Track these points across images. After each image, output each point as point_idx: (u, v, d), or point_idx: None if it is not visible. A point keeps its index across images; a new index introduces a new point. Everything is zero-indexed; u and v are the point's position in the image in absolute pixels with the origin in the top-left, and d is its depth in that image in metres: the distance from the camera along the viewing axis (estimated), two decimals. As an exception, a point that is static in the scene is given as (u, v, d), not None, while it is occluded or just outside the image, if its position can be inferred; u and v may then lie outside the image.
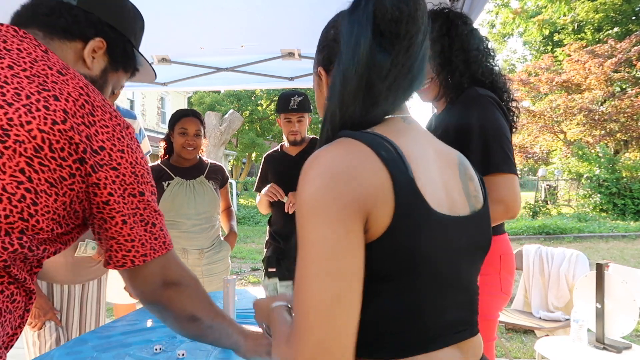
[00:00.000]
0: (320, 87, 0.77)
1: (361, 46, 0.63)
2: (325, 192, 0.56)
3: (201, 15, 2.81)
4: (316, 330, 0.54)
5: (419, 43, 0.65)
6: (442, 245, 0.61)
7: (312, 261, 0.55)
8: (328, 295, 0.54)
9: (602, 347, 1.96)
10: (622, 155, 13.20)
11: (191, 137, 2.20)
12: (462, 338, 0.65)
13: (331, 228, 0.55)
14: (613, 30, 16.41)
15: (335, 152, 0.59)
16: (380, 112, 0.66)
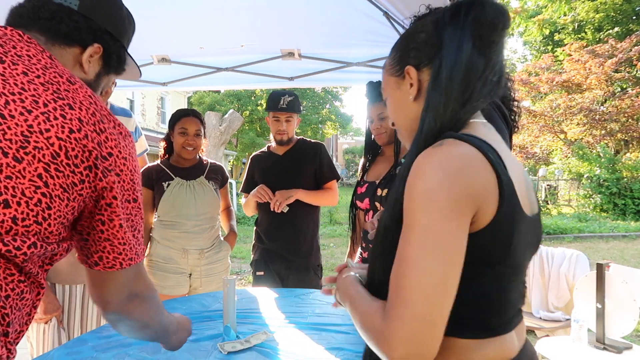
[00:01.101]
0: (400, 87, 0.82)
1: (464, 49, 0.72)
2: (442, 186, 0.63)
3: (201, 15, 2.81)
4: (419, 308, 0.60)
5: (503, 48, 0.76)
6: (523, 240, 0.70)
7: (422, 245, 0.62)
8: (434, 277, 0.61)
9: (603, 347, 1.96)
10: (622, 155, 13.19)
11: (191, 137, 2.19)
12: (517, 322, 0.75)
13: (444, 217, 0.62)
14: (613, 30, 16.39)
15: (449, 152, 0.66)
16: (472, 108, 0.74)
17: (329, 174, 2.40)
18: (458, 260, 0.63)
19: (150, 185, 2.20)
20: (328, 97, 23.02)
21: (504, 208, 0.65)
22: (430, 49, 0.76)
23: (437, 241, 0.61)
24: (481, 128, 0.75)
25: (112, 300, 0.85)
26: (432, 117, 0.73)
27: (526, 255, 0.75)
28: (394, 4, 2.59)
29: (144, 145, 2.77)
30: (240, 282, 5.48)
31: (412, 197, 0.65)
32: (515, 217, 0.67)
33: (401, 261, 0.63)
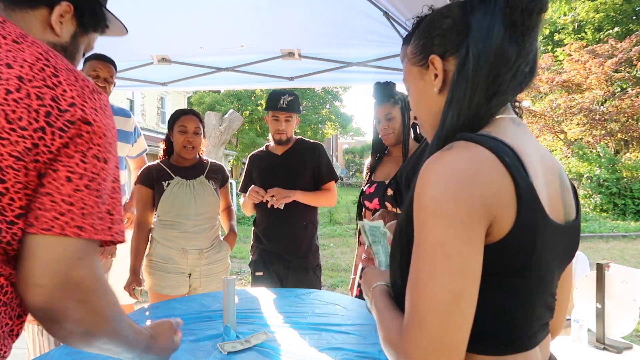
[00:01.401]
0: (423, 77, 0.75)
1: (494, 36, 0.64)
2: (450, 196, 0.57)
3: (201, 15, 2.81)
4: (435, 327, 0.56)
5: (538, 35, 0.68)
6: (549, 250, 0.64)
7: (434, 261, 0.57)
8: (449, 294, 0.56)
9: (603, 347, 1.96)
10: (622, 155, 13.19)
11: (191, 134, 2.19)
12: (542, 338, 0.69)
13: (456, 231, 0.57)
14: (613, 30, 16.38)
15: (458, 156, 0.60)
16: (499, 102, 0.67)
17: (328, 175, 2.40)
18: (474, 275, 0.58)
19: (150, 184, 2.20)
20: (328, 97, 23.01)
21: (523, 216, 0.59)
22: (456, 36, 0.69)
23: (449, 257, 0.57)
24: (507, 125, 0.68)
25: (41, 283, 0.64)
26: (455, 111, 0.67)
27: (554, 266, 0.68)
28: (394, 4, 2.59)
29: (143, 146, 2.77)
30: (240, 282, 5.48)
31: (419, 209, 0.60)
32: (538, 226, 0.61)
33: (414, 280, 0.59)
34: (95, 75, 2.38)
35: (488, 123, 0.68)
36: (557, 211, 0.68)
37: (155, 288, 2.15)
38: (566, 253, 0.71)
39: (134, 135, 2.67)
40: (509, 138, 0.65)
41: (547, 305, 0.69)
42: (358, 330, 1.51)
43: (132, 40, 3.09)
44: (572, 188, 0.75)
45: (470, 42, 0.66)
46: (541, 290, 0.66)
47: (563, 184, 0.72)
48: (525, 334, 0.65)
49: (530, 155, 0.65)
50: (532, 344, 0.66)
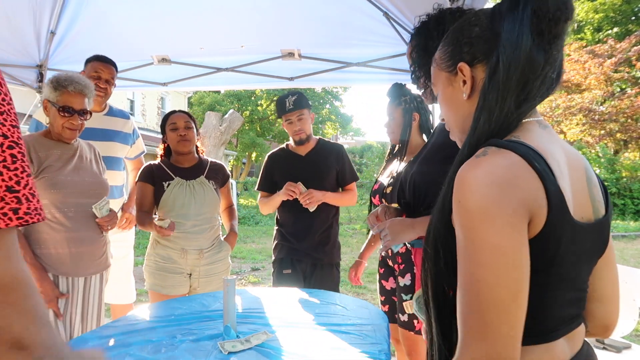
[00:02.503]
0: (452, 83, 0.78)
1: (522, 44, 0.67)
2: (496, 201, 0.61)
3: (201, 15, 2.82)
4: (504, 328, 0.60)
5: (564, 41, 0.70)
6: (572, 249, 0.67)
7: (492, 263, 0.60)
8: (510, 293, 0.60)
9: (602, 346, 1.97)
10: (621, 155, 13.21)
11: (182, 129, 2.21)
12: (570, 330, 0.72)
13: (508, 233, 0.61)
14: (613, 30, 16.40)
15: (495, 162, 0.63)
16: (528, 108, 0.70)
17: (350, 176, 2.48)
18: (526, 272, 0.62)
19: (151, 180, 2.21)
20: (328, 97, 23.02)
21: (552, 218, 0.63)
22: (484, 44, 0.72)
23: (508, 259, 0.60)
24: (534, 128, 0.71)
25: None
26: (486, 117, 0.69)
27: (581, 263, 0.71)
28: (394, 4, 2.59)
29: (141, 147, 2.77)
30: (240, 282, 5.49)
31: (465, 215, 0.63)
32: (564, 228, 0.65)
33: (471, 284, 0.62)
34: (97, 76, 2.39)
35: (516, 127, 0.70)
36: (585, 209, 0.70)
37: (156, 288, 2.15)
38: (595, 249, 0.74)
39: (132, 137, 2.67)
40: (536, 142, 0.67)
41: (573, 300, 0.72)
42: (358, 330, 1.51)
43: (132, 41, 3.11)
44: (600, 184, 0.77)
45: (501, 51, 0.68)
46: (563, 287, 0.69)
47: (590, 180, 0.74)
48: (546, 327, 0.69)
49: (557, 158, 0.68)
50: (554, 337, 0.69)
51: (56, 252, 1.79)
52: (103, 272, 1.98)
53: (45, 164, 1.79)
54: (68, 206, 1.81)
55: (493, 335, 0.60)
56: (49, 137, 1.86)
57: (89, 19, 2.85)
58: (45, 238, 1.78)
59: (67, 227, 1.80)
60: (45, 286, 1.74)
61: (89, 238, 1.88)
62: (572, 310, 0.72)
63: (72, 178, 1.84)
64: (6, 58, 2.95)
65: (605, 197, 0.77)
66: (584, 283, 0.74)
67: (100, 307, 1.97)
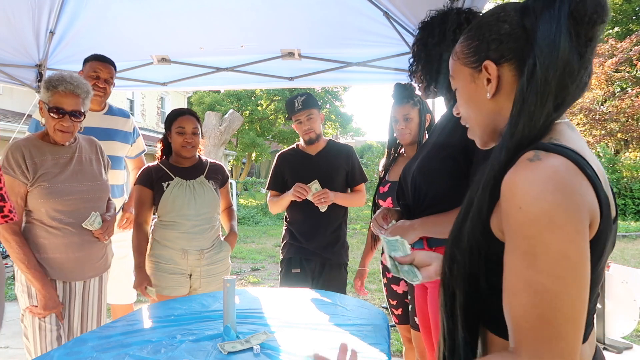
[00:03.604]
0: (475, 80, 0.75)
1: (561, 46, 0.63)
2: (562, 207, 0.58)
3: (201, 15, 2.81)
4: (575, 339, 0.59)
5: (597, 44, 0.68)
6: (607, 253, 0.68)
7: (561, 273, 0.58)
8: (581, 303, 0.59)
9: (603, 347, 1.96)
10: (622, 155, 13.19)
11: (189, 135, 2.19)
12: (590, 332, 0.72)
13: (575, 241, 0.59)
14: (613, 30, 16.38)
15: (552, 166, 0.60)
16: (560, 114, 0.68)
17: (360, 177, 2.49)
18: (588, 283, 0.60)
19: (150, 184, 2.20)
20: (328, 97, 23.01)
21: (603, 225, 0.62)
22: (514, 43, 0.69)
23: (575, 267, 0.58)
24: (566, 131, 0.69)
25: None
26: (526, 121, 0.66)
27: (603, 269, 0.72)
28: (394, 4, 2.59)
29: (141, 147, 2.77)
30: (240, 282, 5.48)
31: (527, 222, 0.60)
32: (608, 234, 0.64)
33: (539, 293, 0.59)
34: (96, 76, 2.38)
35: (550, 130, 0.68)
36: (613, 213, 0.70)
37: (156, 289, 2.15)
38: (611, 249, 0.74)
39: (132, 136, 2.67)
40: (576, 146, 0.65)
41: (595, 302, 0.72)
42: (358, 330, 1.51)
43: (132, 40, 3.11)
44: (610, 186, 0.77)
45: (537, 53, 0.65)
46: (595, 289, 0.68)
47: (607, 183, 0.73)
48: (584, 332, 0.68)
49: (596, 163, 0.67)
50: (584, 340, 0.68)
51: (54, 257, 1.77)
52: (103, 274, 1.97)
53: (41, 170, 1.74)
54: (67, 213, 1.78)
55: (566, 347, 0.58)
56: (46, 140, 1.81)
57: (88, 18, 2.85)
58: (44, 243, 1.76)
59: (66, 232, 1.78)
60: (50, 292, 1.72)
61: (88, 242, 1.85)
62: (593, 310, 0.72)
63: (70, 184, 1.80)
64: (5, 58, 2.95)
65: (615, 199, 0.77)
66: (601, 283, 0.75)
67: (101, 309, 1.96)
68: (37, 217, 1.76)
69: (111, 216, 1.97)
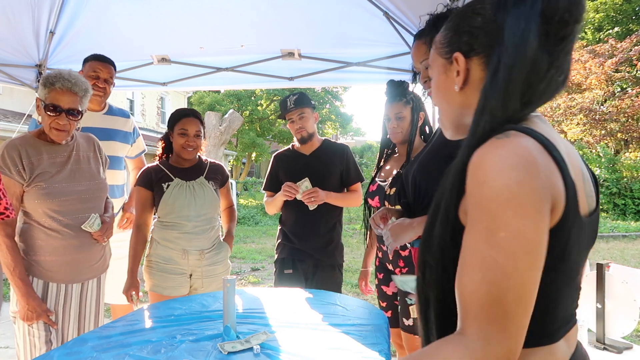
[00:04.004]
0: (447, 71, 0.74)
1: (528, 44, 0.62)
2: (526, 184, 0.56)
3: (201, 15, 2.81)
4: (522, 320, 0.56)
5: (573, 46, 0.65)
6: (578, 244, 0.64)
7: (516, 252, 0.56)
8: (533, 285, 0.57)
9: (603, 347, 1.96)
10: (622, 155, 13.19)
11: (191, 137, 2.18)
12: (569, 330, 0.69)
13: (534, 220, 0.56)
14: (613, 29, 16.38)
15: (521, 145, 0.59)
16: (529, 112, 0.67)
17: (355, 177, 2.46)
18: (542, 264, 0.58)
19: (150, 186, 2.19)
20: (328, 97, 23.02)
21: (567, 212, 0.60)
22: (485, 37, 0.67)
23: (531, 248, 0.56)
24: (537, 122, 0.68)
25: None
26: (488, 119, 0.64)
27: (581, 258, 0.69)
28: (395, 4, 2.59)
29: (141, 147, 2.77)
30: (240, 282, 5.49)
31: (490, 196, 0.58)
32: (573, 223, 0.61)
33: (492, 271, 0.57)
34: (95, 75, 2.38)
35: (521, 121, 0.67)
36: (583, 204, 0.67)
37: (156, 289, 2.15)
38: (588, 245, 0.71)
39: (132, 136, 2.67)
40: (547, 133, 0.64)
41: (573, 298, 0.70)
42: (358, 330, 1.51)
43: (132, 40, 3.11)
44: (592, 177, 0.74)
45: (503, 50, 0.63)
46: (567, 284, 0.66)
47: (584, 175, 0.71)
48: (550, 328, 0.66)
49: (564, 150, 0.65)
50: (557, 337, 0.66)
51: (51, 260, 1.75)
52: (101, 276, 1.96)
53: (38, 170, 1.70)
54: (64, 214, 1.75)
55: (516, 330, 0.56)
56: (42, 138, 1.76)
57: (88, 18, 2.85)
58: (41, 244, 1.73)
59: (63, 234, 1.75)
60: (30, 303, 1.67)
61: (86, 244, 1.83)
62: (569, 308, 0.69)
63: (68, 184, 1.77)
64: (5, 57, 2.95)
65: (596, 191, 0.74)
66: (580, 281, 0.72)
67: (99, 310, 1.94)
68: (35, 219, 1.73)
69: (110, 217, 1.95)
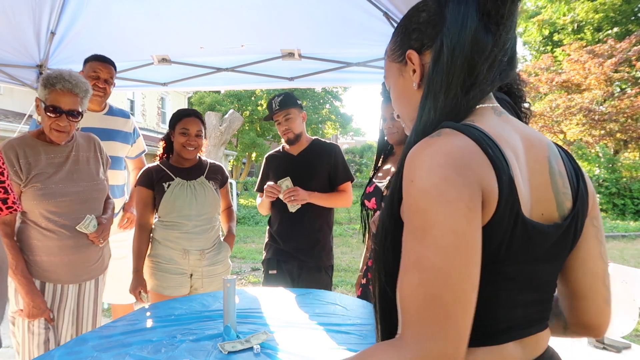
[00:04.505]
0: (402, 73, 0.74)
1: (467, 27, 0.63)
2: (452, 181, 0.56)
3: (201, 15, 2.81)
4: (463, 320, 0.54)
5: (516, 25, 0.66)
6: (522, 248, 0.62)
7: (449, 249, 0.55)
8: (469, 283, 0.55)
9: (602, 347, 1.96)
10: (621, 155, 13.21)
11: (192, 137, 2.19)
12: (526, 334, 0.67)
13: (465, 216, 0.55)
14: (613, 30, 16.39)
15: (449, 143, 0.59)
16: (477, 94, 0.66)
17: (344, 176, 2.43)
18: (479, 260, 0.57)
19: (150, 185, 2.20)
20: (328, 97, 23.02)
21: (500, 210, 0.58)
22: (432, 29, 0.68)
23: (468, 244, 0.55)
24: (489, 115, 0.67)
25: None
26: (431, 105, 0.65)
27: (540, 263, 0.65)
28: (394, 4, 2.59)
29: (141, 147, 2.77)
30: (240, 282, 5.49)
31: (418, 196, 0.57)
32: (512, 224, 0.59)
33: (427, 270, 0.55)
34: (96, 76, 2.38)
35: (469, 113, 0.66)
36: (546, 205, 0.65)
37: (157, 289, 2.15)
38: (560, 247, 0.68)
39: (133, 136, 2.67)
40: (491, 128, 0.64)
41: (529, 303, 0.66)
42: (358, 330, 1.51)
43: (132, 41, 3.11)
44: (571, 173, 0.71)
45: (445, 34, 0.65)
46: (514, 287, 0.64)
47: (554, 171, 0.68)
48: (493, 329, 0.64)
49: (513, 147, 0.64)
50: (501, 340, 0.64)
51: (48, 260, 1.74)
52: (99, 277, 1.95)
53: (35, 170, 1.69)
54: (61, 215, 1.74)
55: (453, 330, 0.54)
56: (41, 139, 1.76)
57: (89, 18, 2.85)
58: (37, 245, 1.72)
59: (60, 234, 1.75)
60: (35, 300, 1.68)
61: (83, 245, 1.82)
62: (527, 312, 0.66)
63: (65, 185, 1.76)
64: (6, 58, 2.95)
65: (577, 187, 0.70)
66: (546, 284, 0.69)
67: (96, 312, 1.94)
68: (32, 219, 1.73)
69: (107, 219, 1.93)
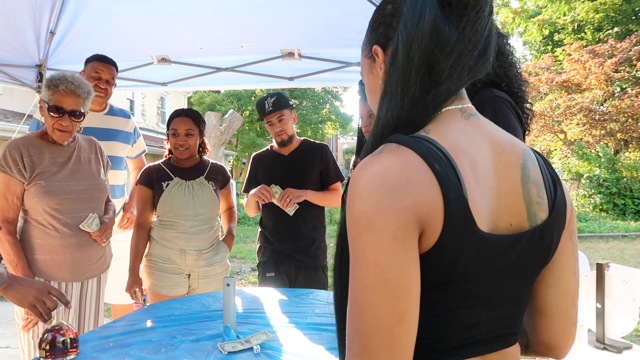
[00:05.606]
0: (372, 70, 0.69)
1: (426, 18, 0.57)
2: (381, 209, 0.53)
3: (201, 15, 2.81)
4: (382, 351, 0.52)
5: (486, 17, 0.60)
6: (483, 264, 0.59)
7: (370, 282, 0.53)
8: (392, 316, 0.52)
9: (603, 347, 1.96)
10: (622, 155, 13.20)
11: (182, 137, 2.18)
12: (489, 350, 0.63)
13: (389, 247, 0.52)
14: (613, 30, 16.39)
15: (387, 162, 0.55)
16: (440, 93, 0.59)
17: (335, 176, 2.43)
18: (413, 292, 0.53)
19: (150, 184, 2.20)
20: (328, 97, 23.01)
21: (448, 229, 0.54)
22: (397, 22, 0.61)
23: (386, 278, 0.52)
24: (454, 119, 0.62)
25: None
26: (387, 106, 0.60)
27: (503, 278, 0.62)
28: (394, 4, 2.59)
29: (142, 147, 2.77)
30: (240, 282, 5.49)
31: (351, 222, 0.55)
32: (465, 241, 0.56)
33: (353, 303, 0.54)
34: (97, 76, 2.38)
35: (430, 117, 0.61)
36: (514, 214, 0.61)
37: (154, 288, 2.15)
38: (530, 260, 0.64)
39: (133, 136, 2.67)
40: (449, 138, 0.59)
41: (493, 319, 0.63)
42: (358, 330, 1.51)
43: (132, 41, 3.11)
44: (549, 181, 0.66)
45: (401, 27, 0.58)
46: (472, 304, 0.60)
47: (527, 179, 0.63)
48: (445, 344, 0.60)
49: (473, 157, 0.59)
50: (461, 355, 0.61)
51: (51, 258, 1.75)
52: (101, 275, 1.96)
53: (39, 169, 1.73)
54: (63, 212, 1.76)
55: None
56: (44, 139, 1.80)
57: (88, 18, 2.85)
58: (40, 243, 1.74)
59: (63, 233, 1.76)
60: None
61: (86, 243, 1.84)
62: (491, 328, 0.63)
63: (68, 183, 1.79)
64: (6, 58, 2.95)
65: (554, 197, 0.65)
66: (513, 298, 0.64)
67: (98, 310, 1.94)
68: (34, 217, 1.75)
69: (109, 218, 1.96)
